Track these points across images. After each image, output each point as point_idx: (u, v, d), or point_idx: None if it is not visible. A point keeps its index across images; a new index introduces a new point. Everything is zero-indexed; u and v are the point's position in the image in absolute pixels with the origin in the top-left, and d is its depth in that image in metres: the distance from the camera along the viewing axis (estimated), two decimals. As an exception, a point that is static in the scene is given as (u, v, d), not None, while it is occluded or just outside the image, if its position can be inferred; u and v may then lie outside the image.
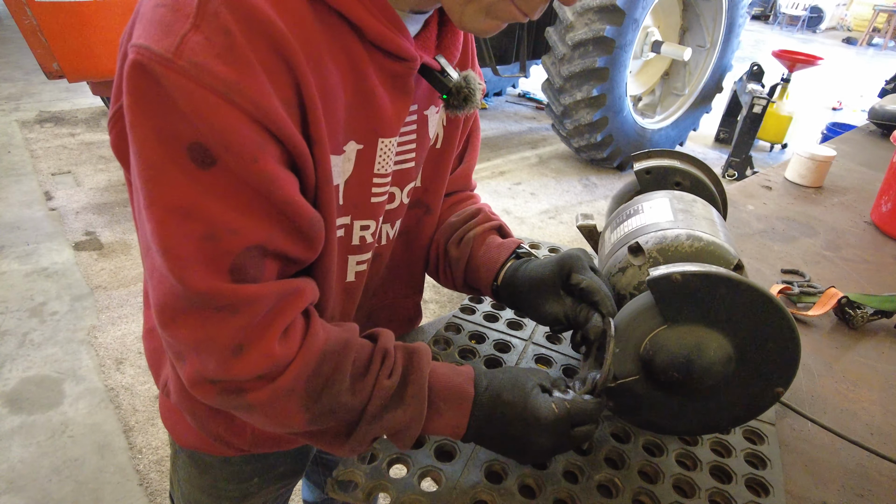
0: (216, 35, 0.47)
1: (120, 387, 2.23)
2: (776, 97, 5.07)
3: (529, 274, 0.77)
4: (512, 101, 6.46)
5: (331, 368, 0.59)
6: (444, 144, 0.79)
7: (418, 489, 0.65)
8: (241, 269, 0.52)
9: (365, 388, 0.61)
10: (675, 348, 0.59)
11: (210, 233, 0.50)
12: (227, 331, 0.53)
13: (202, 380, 0.55)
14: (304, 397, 0.58)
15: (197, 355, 0.54)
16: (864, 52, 12.81)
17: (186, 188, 0.49)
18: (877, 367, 0.99)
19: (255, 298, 0.53)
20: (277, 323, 0.55)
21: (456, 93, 0.65)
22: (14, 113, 4.70)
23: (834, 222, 1.54)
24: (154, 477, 1.90)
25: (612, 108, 4.27)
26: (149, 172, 0.50)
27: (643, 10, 4.07)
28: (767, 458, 0.75)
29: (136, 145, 0.49)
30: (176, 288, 0.51)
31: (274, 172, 0.51)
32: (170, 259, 0.50)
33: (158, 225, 0.50)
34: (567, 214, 3.97)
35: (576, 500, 0.66)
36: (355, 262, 0.72)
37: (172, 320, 0.53)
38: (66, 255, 3.01)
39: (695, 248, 0.66)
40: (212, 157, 0.49)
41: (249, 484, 0.91)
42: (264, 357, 0.54)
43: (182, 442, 0.86)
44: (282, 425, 0.60)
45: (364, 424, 0.61)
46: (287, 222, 0.54)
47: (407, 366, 0.64)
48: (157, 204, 0.50)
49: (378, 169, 0.66)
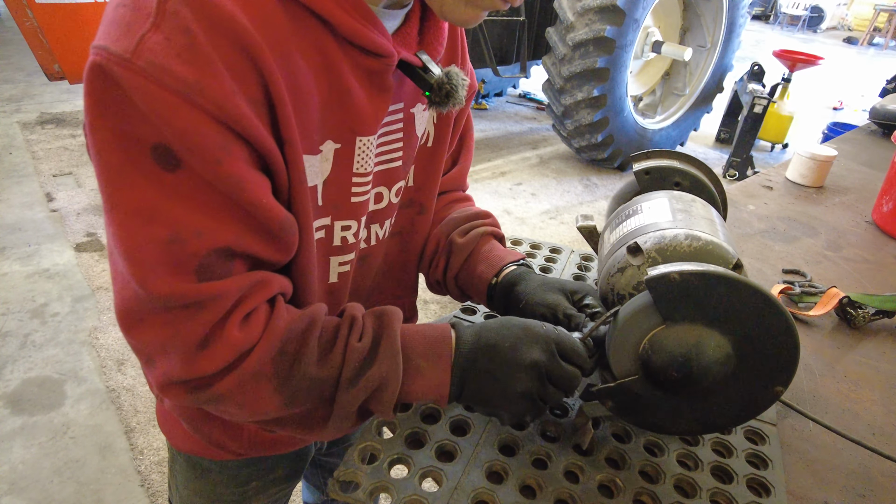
0: (176, 34, 0.46)
1: (121, 388, 2.23)
2: (777, 97, 5.06)
3: (544, 277, 0.77)
4: (512, 102, 6.46)
5: (297, 345, 0.58)
6: (435, 143, 0.78)
7: (419, 489, 0.65)
8: (207, 269, 0.52)
9: (335, 357, 0.59)
10: (673, 348, 0.59)
11: (174, 236, 0.49)
12: (192, 327, 0.52)
13: (170, 382, 0.55)
14: (274, 379, 0.57)
15: (164, 356, 0.54)
16: (864, 51, 12.80)
17: (149, 191, 0.48)
18: (878, 367, 0.99)
19: (220, 294, 0.52)
20: (237, 312, 0.54)
21: (437, 89, 0.63)
22: (15, 114, 4.71)
23: (835, 222, 1.54)
24: (155, 478, 1.90)
25: (612, 109, 4.27)
26: (109, 175, 0.49)
27: (644, 11, 4.07)
28: (769, 458, 0.74)
29: (95, 148, 0.48)
30: (139, 292, 0.50)
31: (239, 174, 0.50)
32: (132, 263, 0.50)
33: (120, 229, 0.50)
34: (568, 215, 3.97)
35: (576, 501, 0.66)
36: (337, 263, 0.71)
37: (138, 323, 0.52)
38: (67, 257, 3.01)
39: (693, 248, 0.66)
40: (176, 158, 0.48)
41: (247, 488, 0.90)
42: (227, 347, 0.53)
43: (179, 446, 0.86)
44: (258, 412, 0.58)
45: (341, 393, 0.59)
46: (255, 224, 0.53)
47: (377, 327, 0.62)
48: (118, 208, 0.49)
49: (357, 168, 0.64)
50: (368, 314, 0.64)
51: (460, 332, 0.65)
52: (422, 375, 0.62)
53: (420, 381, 0.62)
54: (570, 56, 4.10)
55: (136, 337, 0.53)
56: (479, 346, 0.63)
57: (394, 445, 0.70)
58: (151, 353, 0.54)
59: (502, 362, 0.62)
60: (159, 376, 0.55)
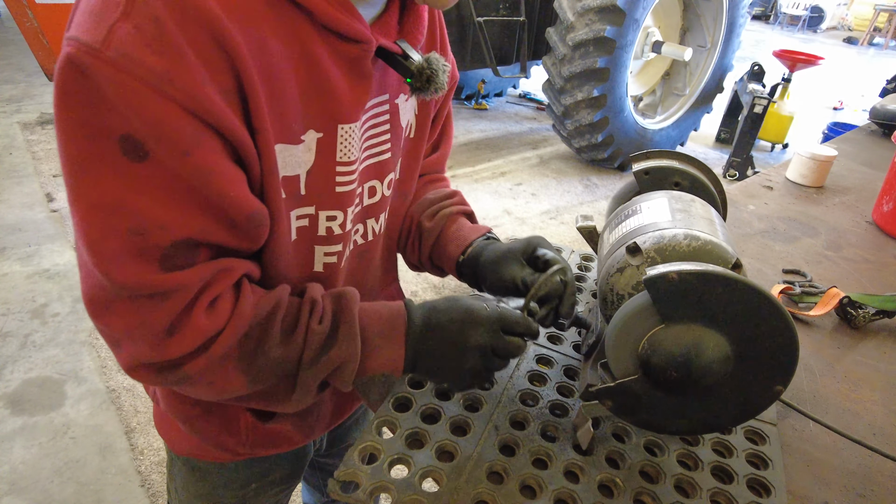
0: (146, 23, 0.46)
1: (121, 388, 2.23)
2: (777, 97, 5.06)
3: (497, 248, 0.80)
4: (513, 102, 6.46)
5: (262, 329, 0.59)
6: (416, 133, 0.79)
7: (419, 489, 0.65)
8: (170, 259, 0.52)
9: (297, 339, 0.61)
10: (672, 347, 0.59)
11: (137, 227, 0.50)
12: (158, 315, 0.53)
13: (138, 364, 0.56)
14: (239, 360, 0.59)
15: (131, 341, 0.55)
16: (864, 51, 12.79)
17: (114, 183, 0.48)
18: (879, 367, 0.99)
19: (184, 284, 0.53)
20: (203, 299, 0.55)
21: (418, 75, 0.64)
22: (16, 115, 4.71)
23: (835, 222, 1.54)
24: (156, 478, 1.90)
25: (612, 109, 4.27)
26: (73, 167, 0.48)
27: (644, 11, 4.07)
28: (769, 458, 0.74)
29: (60, 139, 0.48)
30: (100, 281, 0.51)
31: (208, 166, 0.50)
32: (95, 254, 0.50)
33: (83, 220, 0.50)
34: (568, 215, 3.97)
35: (576, 500, 0.66)
36: (323, 253, 0.71)
37: (105, 310, 0.53)
38: (67, 257, 3.02)
39: (692, 248, 0.66)
40: (144, 150, 0.48)
41: (247, 490, 0.90)
42: (194, 333, 0.55)
43: (177, 449, 0.86)
44: (225, 391, 0.61)
45: (303, 372, 0.62)
46: (221, 215, 0.54)
47: (336, 309, 0.64)
48: (82, 199, 0.49)
49: (341, 157, 0.64)
50: (327, 295, 0.66)
51: (412, 312, 0.68)
52: (378, 352, 0.65)
53: (376, 357, 0.65)
54: (571, 56, 4.10)
55: (104, 322, 0.54)
56: (429, 326, 0.67)
57: (394, 445, 0.70)
58: (118, 337, 0.55)
59: (450, 343, 0.66)
60: (126, 358, 0.56)
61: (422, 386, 0.81)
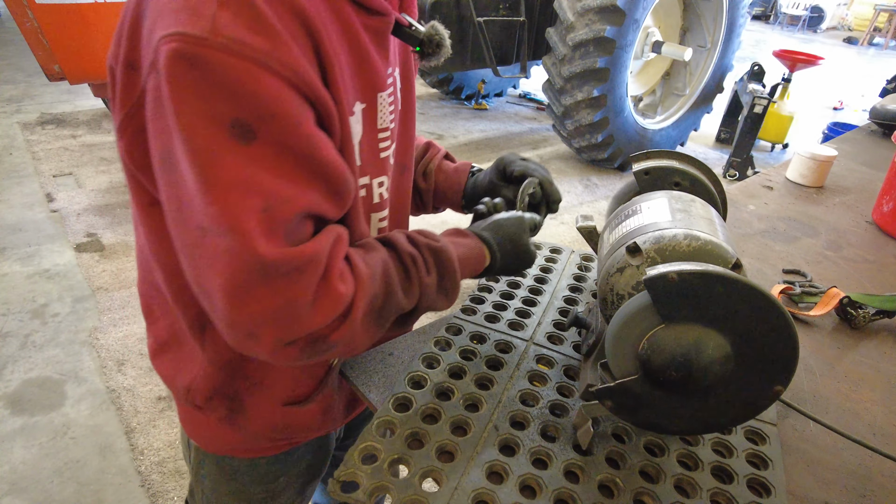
0: (242, 9, 0.49)
1: (121, 388, 2.23)
2: (777, 97, 5.06)
3: (479, 181, 0.95)
4: (513, 102, 6.46)
5: (385, 285, 0.65)
6: (403, 104, 0.82)
7: (420, 489, 0.65)
8: (293, 233, 0.55)
9: (414, 290, 0.69)
10: (672, 347, 0.59)
11: (266, 204, 0.52)
12: (300, 290, 0.55)
13: (283, 345, 0.57)
14: (374, 317, 0.64)
15: (274, 324, 0.55)
16: (865, 51, 12.79)
17: (239, 165, 0.51)
18: (879, 367, 0.99)
19: (316, 254, 0.56)
20: (334, 268, 0.58)
21: (428, 42, 0.70)
22: (16, 115, 4.72)
23: (835, 222, 1.54)
24: (156, 478, 1.90)
25: (612, 109, 4.27)
26: (201, 157, 0.51)
27: (644, 11, 4.07)
28: (769, 458, 0.74)
29: (183, 133, 0.50)
30: (247, 263, 0.52)
31: (315, 135, 0.55)
32: (238, 235, 0.52)
33: (221, 205, 0.51)
34: (568, 215, 3.97)
35: (576, 501, 0.66)
36: (377, 220, 0.77)
37: (246, 296, 0.53)
38: (67, 257, 3.02)
39: (692, 248, 0.66)
40: (252, 131, 0.51)
41: (276, 484, 0.93)
42: (335, 301, 0.58)
43: (210, 447, 0.88)
44: (359, 348, 0.66)
45: (418, 314, 0.73)
46: (324, 184, 0.58)
47: (436, 261, 0.72)
48: (216, 185, 0.51)
49: (380, 124, 0.71)
50: (424, 248, 0.72)
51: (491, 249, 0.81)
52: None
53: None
54: (571, 56, 4.10)
55: (246, 313, 0.54)
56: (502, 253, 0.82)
57: (394, 445, 0.70)
58: (255, 326, 0.55)
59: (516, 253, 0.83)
60: (270, 344, 0.56)
61: (422, 386, 0.81)
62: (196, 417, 0.84)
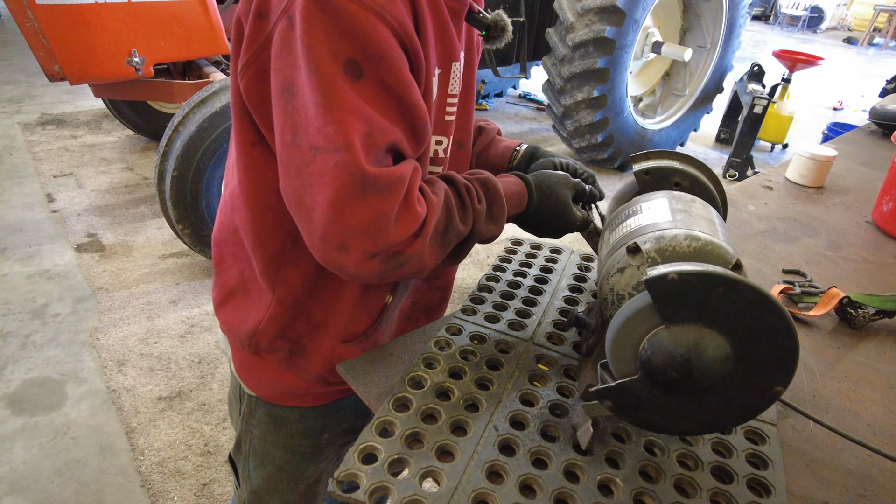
0: None
1: (122, 388, 2.24)
2: (777, 97, 5.06)
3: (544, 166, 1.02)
4: (513, 102, 6.46)
5: (447, 210, 0.74)
6: (464, 85, 0.89)
7: (420, 489, 0.65)
8: (381, 161, 0.65)
9: (469, 216, 0.78)
10: (673, 348, 0.59)
11: (369, 130, 0.63)
12: (388, 206, 0.64)
13: (367, 258, 0.66)
14: (439, 238, 0.73)
15: (365, 236, 0.64)
16: (864, 51, 12.80)
17: (352, 95, 0.62)
18: (879, 367, 0.99)
19: (401, 177, 0.66)
20: (414, 191, 0.68)
21: (494, 26, 0.80)
22: (16, 115, 4.72)
23: (835, 222, 1.54)
24: (156, 478, 1.90)
25: (612, 109, 4.27)
26: (324, 84, 0.61)
27: (643, 11, 4.07)
28: (769, 458, 0.74)
29: (311, 65, 0.61)
30: (353, 176, 0.61)
31: (410, 80, 0.65)
32: (349, 151, 0.61)
33: (337, 125, 0.61)
34: (568, 215, 3.97)
35: (576, 500, 0.66)
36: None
37: (346, 208, 0.63)
38: (67, 257, 3.02)
39: (693, 248, 0.66)
40: (361, 70, 0.62)
41: (320, 439, 1.01)
42: (413, 218, 0.67)
43: (263, 394, 0.95)
44: (426, 268, 0.73)
45: (472, 240, 0.80)
46: (409, 125, 0.68)
47: (486, 192, 0.81)
48: (334, 109, 0.61)
49: (451, 90, 0.82)
50: (474, 180, 0.82)
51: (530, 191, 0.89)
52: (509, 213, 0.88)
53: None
54: (570, 56, 4.10)
55: (340, 224, 0.63)
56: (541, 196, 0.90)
57: (394, 445, 0.70)
58: (348, 238, 0.64)
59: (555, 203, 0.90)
60: (357, 256, 0.65)
61: (422, 386, 0.81)
62: (255, 364, 0.92)
